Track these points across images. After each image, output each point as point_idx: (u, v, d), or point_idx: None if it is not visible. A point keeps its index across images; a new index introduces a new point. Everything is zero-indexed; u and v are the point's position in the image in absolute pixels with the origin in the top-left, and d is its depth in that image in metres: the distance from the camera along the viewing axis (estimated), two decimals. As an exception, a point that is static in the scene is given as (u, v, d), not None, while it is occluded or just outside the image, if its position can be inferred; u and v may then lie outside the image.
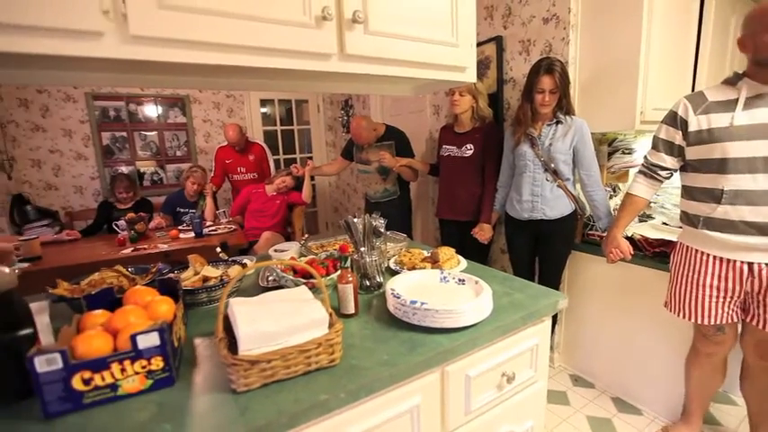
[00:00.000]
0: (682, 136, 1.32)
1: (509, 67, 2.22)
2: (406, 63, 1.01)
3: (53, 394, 0.61)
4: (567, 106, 1.75)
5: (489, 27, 2.31)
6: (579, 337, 2.06)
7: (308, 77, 1.18)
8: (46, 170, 3.53)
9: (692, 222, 1.34)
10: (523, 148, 1.81)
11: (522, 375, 0.95)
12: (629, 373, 1.84)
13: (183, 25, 0.73)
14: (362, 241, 1.08)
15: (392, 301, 0.89)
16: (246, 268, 0.76)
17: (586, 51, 1.90)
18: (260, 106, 4.38)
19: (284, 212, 3.05)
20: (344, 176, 4.33)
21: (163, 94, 3.91)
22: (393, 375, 0.72)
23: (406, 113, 3.15)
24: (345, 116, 4.15)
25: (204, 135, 4.15)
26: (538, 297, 1.00)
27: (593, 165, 1.75)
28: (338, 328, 0.73)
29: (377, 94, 3.36)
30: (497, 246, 2.34)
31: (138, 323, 0.72)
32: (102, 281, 1.09)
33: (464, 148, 2.07)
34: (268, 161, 3.64)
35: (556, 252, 1.85)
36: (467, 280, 1.00)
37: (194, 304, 1.03)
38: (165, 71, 1.02)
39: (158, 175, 4.03)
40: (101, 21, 0.67)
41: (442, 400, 0.82)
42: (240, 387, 0.66)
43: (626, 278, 1.79)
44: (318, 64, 0.92)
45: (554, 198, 1.77)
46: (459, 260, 1.24)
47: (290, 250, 1.40)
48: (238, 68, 0.85)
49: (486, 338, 0.85)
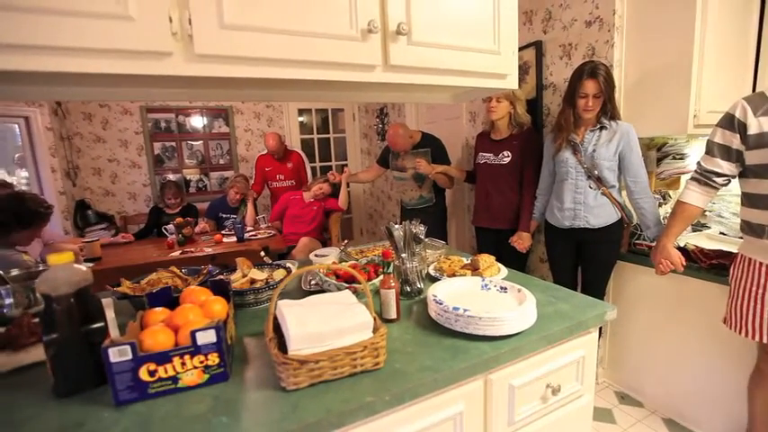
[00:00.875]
0: (740, 140, 1.24)
1: (549, 72, 2.18)
2: (448, 72, 1.02)
3: (123, 383, 0.67)
4: (611, 111, 1.69)
5: (528, 32, 2.28)
6: (626, 351, 1.96)
7: (350, 88, 1.22)
8: (105, 178, 3.82)
9: (754, 232, 1.25)
10: (565, 155, 1.76)
11: (568, 388, 0.92)
12: (683, 393, 1.72)
13: (241, 43, 0.78)
14: (403, 248, 1.09)
15: (434, 307, 0.90)
16: (297, 271, 0.79)
17: (633, 53, 1.83)
18: (298, 115, 4.54)
19: (321, 218, 3.12)
20: (379, 183, 4.38)
21: (208, 105, 4.14)
22: (437, 381, 0.72)
23: (441, 120, 3.16)
24: (380, 124, 4.21)
25: (245, 144, 4.34)
26: (584, 307, 0.97)
27: (641, 171, 1.67)
28: (383, 332, 0.74)
29: (417, 103, 3.39)
30: (536, 255, 2.28)
31: (196, 321, 0.77)
32: (158, 280, 1.17)
33: (501, 155, 2.04)
34: (305, 168, 3.76)
35: (600, 262, 1.78)
36: (509, 288, 0.99)
37: (242, 305, 1.08)
38: (214, 85, 1.09)
39: (203, 182, 4.25)
40: (170, 42, 0.73)
41: (485, 408, 0.81)
42: (290, 385, 0.69)
43: (679, 291, 1.69)
44: (363, 75, 0.95)
45: (598, 206, 1.71)
46: (500, 268, 1.23)
47: (330, 255, 1.43)
48: (284, 80, 0.90)
49: (531, 348, 0.83)
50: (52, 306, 0.70)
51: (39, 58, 0.67)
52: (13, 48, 0.65)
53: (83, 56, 0.69)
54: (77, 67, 0.69)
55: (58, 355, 0.70)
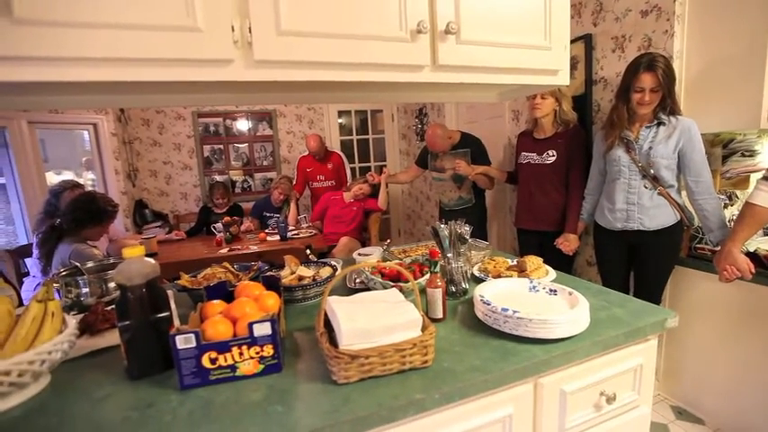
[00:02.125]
0: (825, 135, 1.12)
1: (599, 67, 2.08)
2: (497, 70, 1.00)
3: (188, 369, 0.72)
4: (671, 106, 1.59)
5: (577, 25, 2.19)
6: (684, 363, 1.83)
7: (397, 89, 1.23)
8: (160, 179, 4.10)
9: (841, 237, 1.13)
10: (617, 153, 1.67)
11: (624, 397, 0.88)
12: (749, 410, 1.58)
13: (297, 48, 0.81)
14: (449, 247, 1.09)
15: (481, 307, 0.89)
16: (347, 269, 0.81)
17: (695, 43, 1.71)
18: (337, 117, 4.63)
19: (360, 219, 3.17)
20: (417, 184, 4.37)
21: (253, 109, 4.32)
22: (486, 381, 0.72)
23: (482, 120, 3.10)
24: (419, 124, 4.20)
25: (287, 146, 4.49)
26: (641, 313, 0.92)
27: (704, 170, 1.55)
28: (432, 331, 0.75)
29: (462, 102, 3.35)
30: (583, 258, 2.18)
31: (252, 313, 0.81)
32: (213, 275, 1.24)
33: (545, 154, 1.97)
34: (345, 169, 3.82)
35: (656, 267, 1.67)
36: (559, 291, 0.95)
37: (290, 301, 1.12)
38: (264, 89, 1.14)
39: (247, 182, 4.45)
40: (232, 49, 0.78)
41: (535, 413, 0.79)
42: (341, 379, 0.70)
43: (746, 299, 1.55)
44: (411, 75, 0.95)
45: (654, 207, 1.61)
46: (548, 270, 1.19)
47: (373, 254, 1.45)
48: (331, 82, 0.92)
49: (584, 353, 0.80)
50: (127, 295, 0.77)
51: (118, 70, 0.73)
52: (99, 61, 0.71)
53: (155, 65, 0.75)
54: (150, 76, 0.75)
55: (131, 339, 0.77)
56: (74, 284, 1.15)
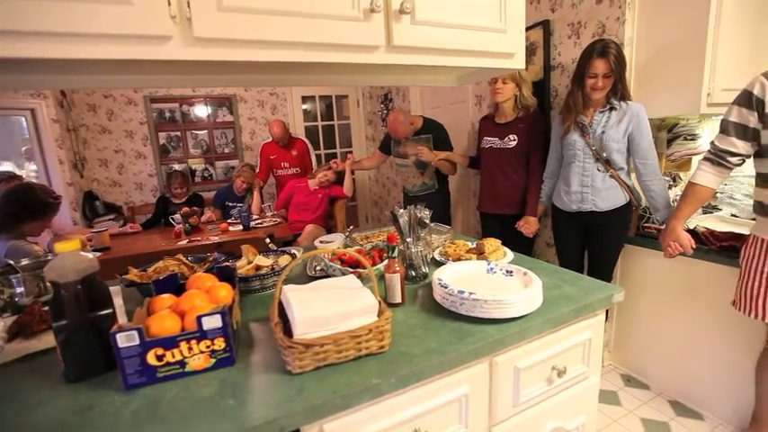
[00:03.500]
0: (757, 118, 1.20)
1: (557, 53, 2.12)
2: (453, 52, 0.99)
3: (132, 368, 0.68)
4: (622, 91, 1.65)
5: (535, 11, 2.22)
6: (632, 335, 1.95)
7: (354, 71, 1.19)
8: (111, 169, 3.85)
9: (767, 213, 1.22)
10: (573, 137, 1.73)
11: (574, 370, 0.92)
12: (690, 376, 1.72)
13: (240, 25, 0.76)
14: (408, 232, 1.09)
15: (439, 290, 0.90)
16: (301, 256, 0.79)
17: (645, 30, 1.78)
18: (301, 103, 4.50)
19: (326, 206, 3.12)
20: (384, 170, 4.36)
21: (212, 94, 4.12)
22: (442, 363, 0.73)
23: (446, 105, 3.11)
24: (385, 110, 4.16)
25: (250, 132, 4.33)
26: (590, 290, 0.96)
27: (651, 153, 1.64)
28: (388, 316, 0.74)
29: (418, 86, 3.34)
30: (542, 239, 2.26)
31: (202, 306, 0.77)
32: (165, 268, 1.18)
33: (507, 138, 2.01)
34: (310, 156, 3.74)
35: (607, 245, 1.76)
36: (515, 271, 0.98)
37: (248, 291, 1.09)
38: (216, 71, 1.07)
39: (208, 171, 4.26)
40: (169, 25, 0.72)
41: (491, 390, 0.81)
42: (295, 369, 0.69)
43: (687, 274, 1.67)
44: (365, 56, 0.93)
45: (606, 189, 1.68)
46: (506, 252, 1.22)
47: (335, 242, 1.43)
48: (285, 64, 0.88)
49: (536, 330, 0.83)
50: (60, 293, 0.71)
51: (42, 45, 0.66)
52: (16, 35, 0.64)
53: (85, 42, 0.68)
54: (80, 53, 0.68)
55: (67, 340, 0.71)
56: (7, 284, 1.06)
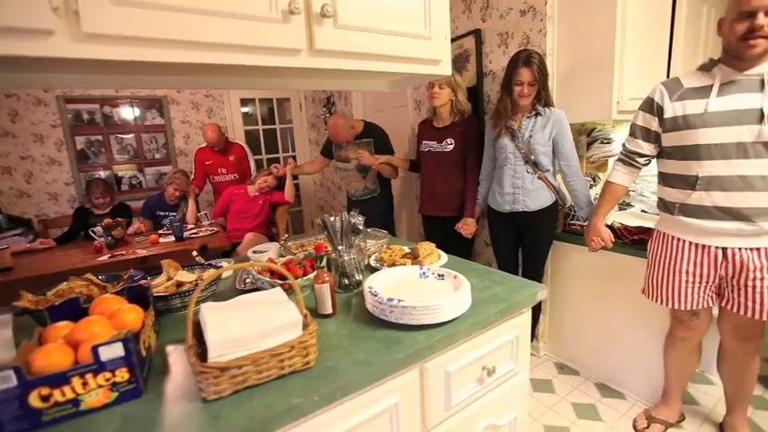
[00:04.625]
0: (658, 122, 1.33)
1: (488, 60, 2.22)
2: (379, 57, 0.99)
3: (8, 413, 0.58)
4: (545, 98, 1.76)
5: (468, 20, 2.30)
6: (564, 326, 2.09)
7: (282, 74, 1.15)
8: (17, 177, 3.41)
9: (668, 209, 1.36)
10: (504, 141, 1.81)
11: (503, 368, 0.95)
12: (611, 360, 1.87)
13: (139, 22, 0.69)
14: (340, 239, 1.06)
15: (370, 299, 0.88)
16: (216, 272, 0.73)
17: (564, 43, 1.91)
18: (240, 106, 4.31)
19: (267, 213, 3.01)
20: (329, 174, 4.30)
21: (139, 95, 3.81)
22: (369, 375, 0.71)
23: (388, 109, 3.13)
24: (328, 113, 4.11)
25: (184, 136, 4.06)
26: (517, 289, 1.00)
27: (573, 155, 1.76)
28: (312, 330, 0.71)
29: (354, 90, 3.34)
30: (481, 239, 2.34)
31: (102, 333, 0.69)
32: (70, 290, 1.05)
33: (444, 142, 2.06)
34: (249, 161, 3.59)
35: (538, 243, 1.86)
36: (446, 275, 0.99)
37: (168, 310, 1.00)
38: (134, 71, 0.98)
39: (137, 178, 3.93)
40: (51, 18, 0.64)
41: (422, 396, 0.81)
42: (210, 395, 0.64)
43: (607, 266, 1.81)
44: (287, 60, 0.89)
45: (534, 190, 1.78)
46: (440, 255, 1.24)
47: (269, 251, 1.37)
48: (210, 66, 0.82)
49: (465, 333, 0.84)
50: None
51: None
52: None
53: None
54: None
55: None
56: None
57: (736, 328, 1.36)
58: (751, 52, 1.11)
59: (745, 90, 1.15)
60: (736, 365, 1.42)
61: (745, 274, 1.22)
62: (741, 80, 1.16)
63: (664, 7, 1.90)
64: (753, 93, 1.14)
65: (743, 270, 1.23)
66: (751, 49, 1.10)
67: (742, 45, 1.11)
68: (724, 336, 1.42)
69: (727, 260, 1.25)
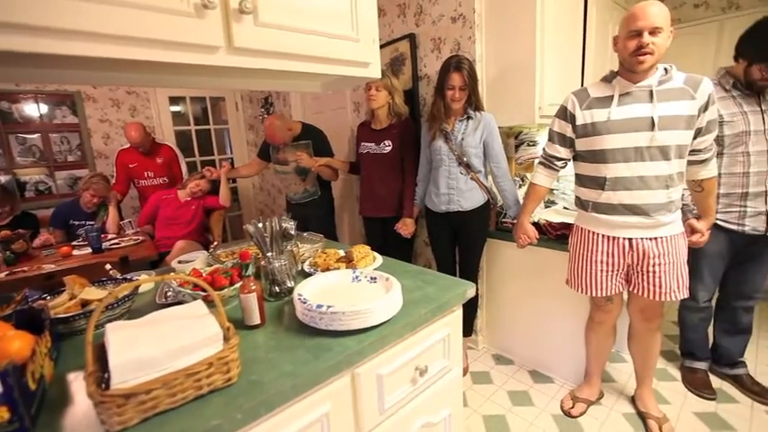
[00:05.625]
0: (571, 129, 1.44)
1: (423, 64, 2.28)
2: (305, 58, 0.96)
3: None
4: (476, 102, 1.83)
5: (403, 24, 2.34)
6: (499, 318, 2.20)
7: (204, 72, 1.08)
8: None
9: (583, 206, 1.48)
10: (438, 143, 1.86)
11: (436, 366, 0.97)
12: (541, 347, 2.00)
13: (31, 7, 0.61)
14: (270, 246, 1.02)
15: (299, 306, 0.85)
16: (124, 287, 0.66)
17: (491, 50, 2.01)
18: (169, 104, 4.01)
19: (201, 218, 2.83)
20: (269, 177, 4.15)
21: (45, 90, 3.39)
22: (296, 386, 0.68)
23: (327, 111, 3.10)
24: (266, 114, 3.96)
25: (103, 137, 3.69)
26: (448, 288, 1.02)
27: (502, 157, 1.86)
28: (233, 344, 0.67)
29: (286, 91, 3.26)
30: (421, 239, 2.40)
31: (-24, 367, 0.59)
32: (-54, 317, 0.90)
33: (382, 144, 2.07)
34: (179, 164, 3.35)
35: (473, 241, 1.94)
36: (378, 277, 0.99)
37: (72, 333, 0.89)
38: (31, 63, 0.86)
39: (45, 183, 3.50)
40: None
41: (355, 403, 0.80)
42: (114, 427, 0.57)
43: (535, 261, 1.94)
44: (204, 57, 0.84)
45: (468, 190, 1.85)
46: (376, 257, 1.24)
47: (195, 260, 1.28)
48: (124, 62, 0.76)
49: (397, 335, 0.85)
50: None
51: None
52: None
53: None
54: None
55: None
56: None
57: (642, 310, 1.52)
58: (640, 67, 1.25)
59: (638, 100, 1.29)
60: (642, 343, 1.59)
61: (647, 261, 1.37)
62: (635, 91, 1.30)
63: (576, 22, 2.08)
64: (644, 103, 1.28)
65: (645, 257, 1.37)
66: (640, 64, 1.24)
67: (633, 60, 1.25)
68: (632, 317, 1.58)
69: (633, 249, 1.39)
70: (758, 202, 1.54)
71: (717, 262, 1.68)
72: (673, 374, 1.93)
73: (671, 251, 1.35)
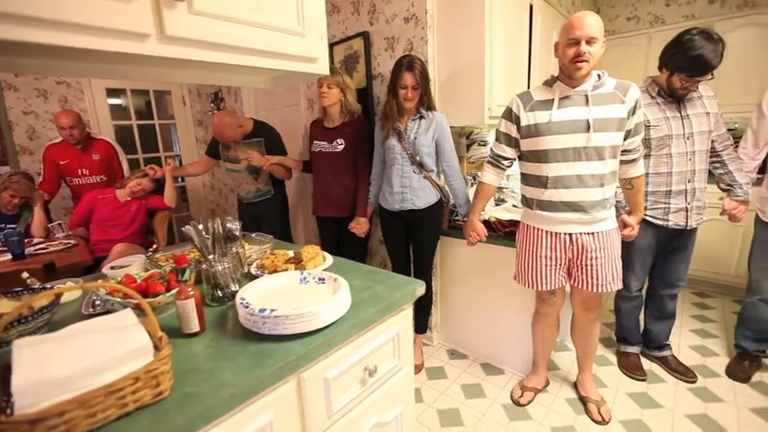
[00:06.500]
0: (516, 129, 1.50)
1: (377, 63, 2.27)
2: (246, 50, 0.92)
3: None
4: (428, 102, 1.85)
5: (356, 22, 2.32)
6: (453, 314, 2.25)
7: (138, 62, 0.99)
8: None
9: (528, 204, 1.55)
10: (392, 142, 1.87)
11: (386, 366, 0.97)
12: (493, 340, 2.07)
13: None
14: (212, 248, 0.97)
15: (242, 311, 0.82)
16: (33, 298, 0.59)
17: (443, 51, 2.05)
18: (107, 96, 3.71)
19: (143, 220, 2.64)
20: (220, 176, 3.97)
21: (-47, 77, 3.01)
22: (236, 396, 0.65)
23: (281, 108, 3.01)
24: (216, 109, 3.78)
25: (26, 131, 3.33)
26: (397, 287, 1.03)
27: (453, 156, 1.90)
28: (164, 355, 0.63)
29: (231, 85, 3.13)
30: (376, 237, 2.39)
31: None
32: None
33: (335, 143, 2.05)
34: (120, 161, 3.11)
35: (426, 239, 1.97)
36: (327, 278, 0.97)
37: (-23, 351, 0.79)
38: None
39: (-44, 182, 3.10)
40: None
41: (301, 408, 0.78)
42: (20, 455, 0.51)
43: (486, 257, 2.00)
44: (132, 45, 0.77)
45: (421, 188, 1.87)
46: (325, 257, 1.21)
47: (131, 265, 1.19)
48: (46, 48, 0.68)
49: (344, 337, 0.83)
50: None
51: None
52: None
53: None
54: None
55: None
56: None
57: (583, 302, 1.62)
58: (578, 73, 1.33)
59: (575, 104, 1.37)
60: (583, 332, 1.69)
61: (585, 255, 1.46)
62: (573, 95, 1.38)
63: (523, 28, 2.18)
64: (581, 106, 1.36)
65: (583, 251, 1.46)
66: (578, 70, 1.32)
67: (571, 66, 1.33)
68: (574, 308, 1.68)
69: (573, 244, 1.47)
70: (679, 199, 1.69)
71: (646, 254, 1.83)
72: (610, 359, 2.08)
73: (606, 245, 1.45)
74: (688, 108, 1.67)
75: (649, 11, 3.38)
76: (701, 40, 1.51)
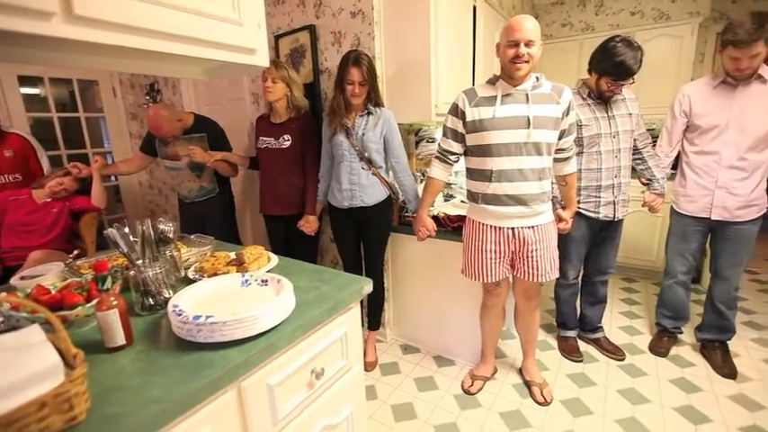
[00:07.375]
0: (462, 125, 1.54)
1: (324, 57, 2.22)
2: (170, 36, 0.84)
3: None
4: (375, 98, 1.85)
5: (302, 15, 2.26)
6: (405, 310, 2.27)
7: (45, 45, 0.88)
8: None
9: (474, 199, 1.59)
10: (340, 138, 1.84)
11: (334, 367, 0.95)
12: (444, 333, 2.12)
13: None
14: (141, 252, 0.89)
15: (174, 319, 0.76)
16: None
17: (390, 48, 2.04)
18: (20, 85, 3.30)
19: (66, 223, 2.38)
20: (159, 174, 3.70)
21: None
22: (166, 412, 0.60)
23: (224, 102, 2.86)
24: (151, 102, 3.50)
25: None
26: (344, 286, 1.01)
27: (401, 153, 1.91)
28: (77, 375, 0.56)
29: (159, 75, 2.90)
30: (326, 236, 2.36)
31: None
32: None
33: (282, 139, 1.98)
34: (38, 158, 2.78)
35: (376, 236, 1.97)
36: (270, 280, 0.93)
37: None
38: None
39: None
40: None
41: (243, 419, 0.74)
42: None
43: (435, 252, 2.04)
44: (33, 24, 0.68)
45: (370, 185, 1.86)
46: (270, 258, 1.16)
47: (46, 274, 1.06)
48: None
49: (288, 340, 0.80)
50: None
51: None
52: None
53: None
54: None
55: None
56: None
57: (524, 291, 1.71)
58: (518, 73, 1.39)
59: (517, 102, 1.43)
60: (525, 319, 1.78)
61: (526, 247, 1.53)
62: (514, 93, 1.44)
63: (467, 27, 2.23)
64: (522, 104, 1.43)
65: (525, 244, 1.53)
66: (518, 70, 1.38)
67: (512, 66, 1.39)
68: (516, 298, 1.76)
69: (515, 237, 1.54)
70: (608, 193, 1.84)
71: (581, 245, 1.96)
72: (551, 344, 2.22)
73: (545, 238, 1.54)
74: (614, 109, 1.80)
75: (581, 19, 3.63)
76: (623, 47, 1.65)
